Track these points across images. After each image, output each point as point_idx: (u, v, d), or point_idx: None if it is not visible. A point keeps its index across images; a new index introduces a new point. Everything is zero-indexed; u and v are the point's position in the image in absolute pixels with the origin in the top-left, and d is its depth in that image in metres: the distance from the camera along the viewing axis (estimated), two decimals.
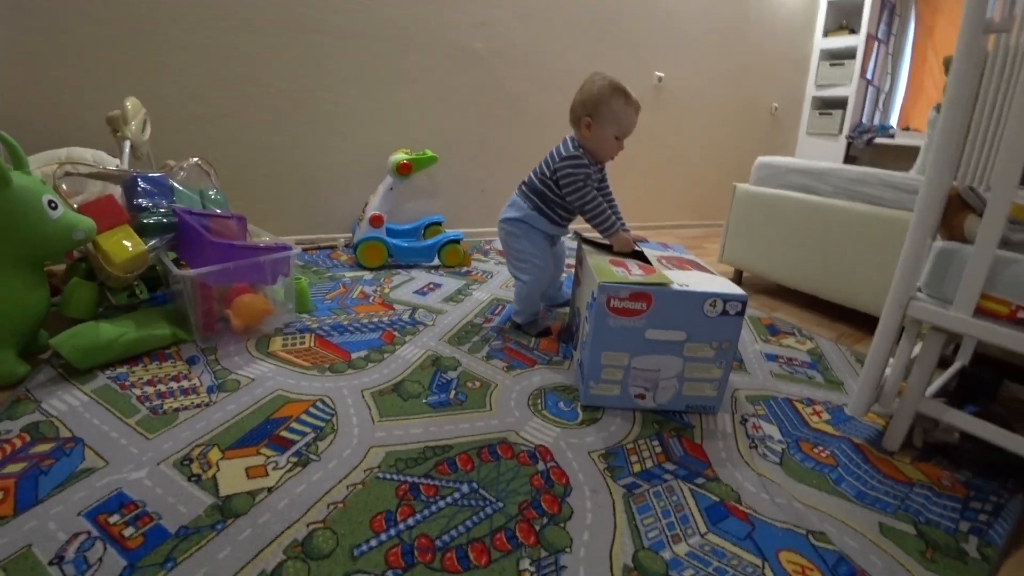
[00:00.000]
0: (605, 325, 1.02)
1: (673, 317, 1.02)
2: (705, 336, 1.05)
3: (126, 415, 0.94)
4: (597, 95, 1.30)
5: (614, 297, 1.00)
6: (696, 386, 1.09)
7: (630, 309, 1.01)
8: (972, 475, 0.98)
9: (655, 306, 1.01)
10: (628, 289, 1.00)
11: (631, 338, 1.04)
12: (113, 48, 1.69)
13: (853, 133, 3.77)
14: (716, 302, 1.02)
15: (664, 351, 1.05)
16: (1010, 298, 0.87)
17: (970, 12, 0.87)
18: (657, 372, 1.07)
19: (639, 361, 1.06)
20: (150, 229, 1.25)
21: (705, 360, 1.07)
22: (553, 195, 1.38)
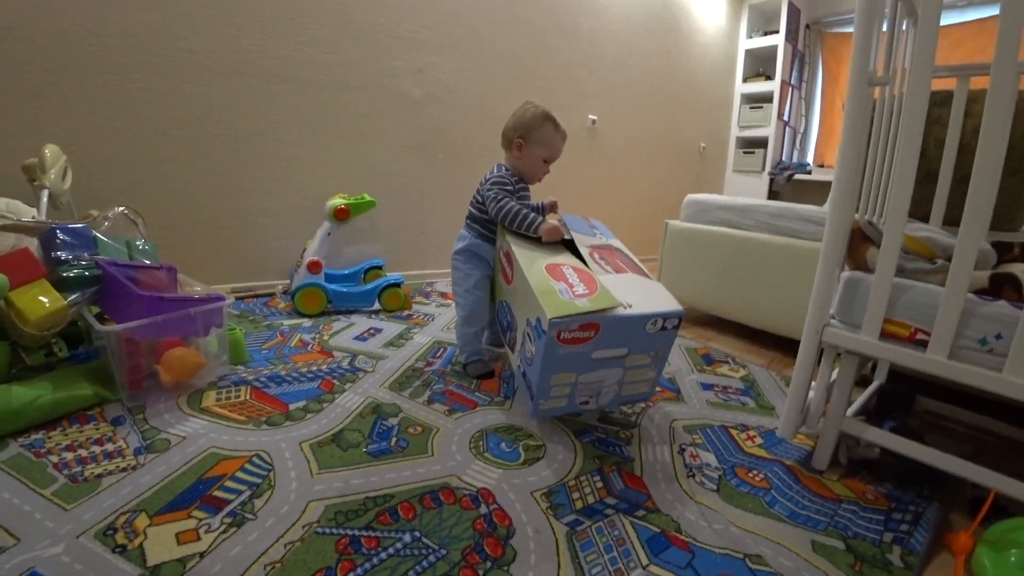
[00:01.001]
0: (555, 354, 1.04)
1: (617, 338, 1.07)
2: (644, 349, 1.11)
3: (41, 485, 0.88)
4: (530, 120, 1.39)
5: (564, 330, 1.01)
6: (633, 387, 1.18)
7: (579, 338, 1.03)
8: (893, 487, 1.04)
9: (602, 332, 1.04)
10: (578, 321, 1.01)
11: (578, 360, 1.07)
12: (31, 93, 1.63)
13: (775, 170, 4.05)
14: (657, 321, 1.07)
15: (608, 366, 1.11)
16: (909, 321, 0.95)
17: (856, 67, 0.97)
18: (600, 383, 1.13)
19: (585, 377, 1.11)
20: (70, 283, 1.19)
21: (642, 367, 1.14)
22: (488, 217, 1.42)
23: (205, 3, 1.87)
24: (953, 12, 3.39)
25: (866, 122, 1.03)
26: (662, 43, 3.58)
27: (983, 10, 3.30)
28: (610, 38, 3.23)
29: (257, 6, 1.98)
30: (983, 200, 0.84)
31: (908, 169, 0.90)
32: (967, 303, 0.87)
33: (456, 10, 2.51)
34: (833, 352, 1.07)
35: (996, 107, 0.81)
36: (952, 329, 0.87)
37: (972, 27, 3.33)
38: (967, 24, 3.35)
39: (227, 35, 1.93)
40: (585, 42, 3.10)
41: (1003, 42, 0.79)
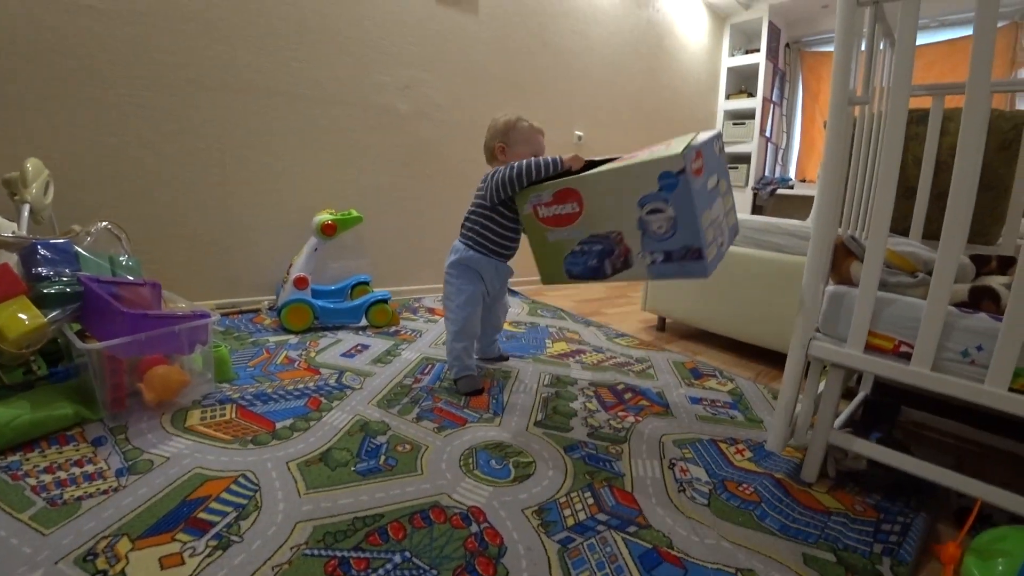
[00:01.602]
0: (694, 190, 1.07)
1: (710, 163, 1.13)
2: (721, 172, 1.18)
3: (18, 509, 0.85)
4: (504, 125, 1.48)
5: (691, 160, 1.06)
6: (729, 217, 1.23)
7: (699, 168, 1.09)
8: (881, 498, 1.05)
9: (704, 158, 1.10)
10: (693, 150, 1.07)
11: (706, 194, 1.12)
12: (13, 105, 1.61)
13: (758, 185, 4.12)
14: (717, 142, 1.19)
15: (716, 196, 1.16)
16: (893, 334, 0.96)
17: (836, 87, 1.00)
18: (719, 219, 1.18)
19: (714, 211, 1.15)
20: (51, 300, 1.17)
21: (725, 194, 1.21)
22: (486, 219, 1.43)
23: (191, 18, 1.87)
24: (926, 33, 3.50)
25: (847, 140, 1.06)
26: (647, 61, 3.64)
27: (953, 31, 3.42)
28: (596, 56, 3.28)
29: (244, 21, 1.98)
30: (961, 215, 0.86)
31: (888, 185, 0.93)
32: (948, 316, 0.89)
33: (443, 27, 2.54)
34: (819, 365, 1.08)
35: (970, 125, 0.83)
36: (934, 341, 0.89)
37: (943, 47, 3.43)
38: (939, 44, 3.46)
39: (214, 50, 1.94)
40: (571, 59, 3.15)
41: (976, 63, 0.82)
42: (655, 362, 1.81)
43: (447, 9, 2.54)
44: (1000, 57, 3.14)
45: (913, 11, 0.89)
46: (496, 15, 2.74)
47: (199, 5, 1.88)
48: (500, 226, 1.44)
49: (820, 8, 3.87)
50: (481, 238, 1.45)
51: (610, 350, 1.91)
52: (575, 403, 1.42)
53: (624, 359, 1.82)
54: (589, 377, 1.62)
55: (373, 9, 2.30)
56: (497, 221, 1.43)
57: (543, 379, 1.57)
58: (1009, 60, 3.14)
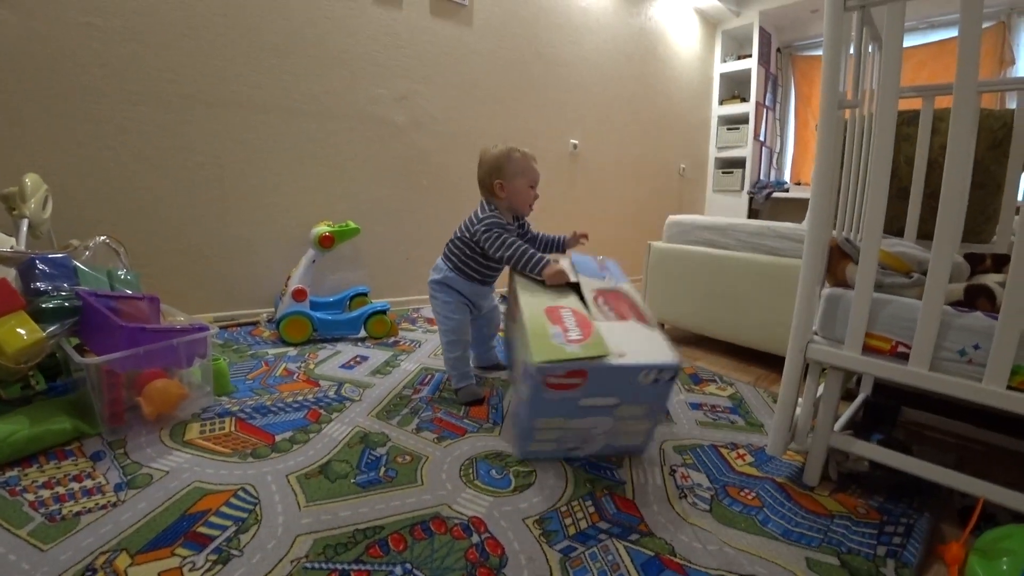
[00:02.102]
0: (541, 398, 1.02)
1: (607, 387, 1.03)
2: (636, 400, 1.06)
3: (16, 525, 0.85)
4: (496, 158, 1.43)
5: (551, 375, 0.99)
6: (626, 437, 1.14)
7: (566, 384, 1.00)
8: (883, 500, 1.05)
9: (591, 379, 1.01)
10: (565, 367, 0.98)
11: (566, 406, 1.04)
12: (12, 121, 1.62)
13: (753, 189, 4.14)
14: (650, 373, 1.02)
15: (597, 414, 1.07)
16: (890, 335, 0.97)
17: (826, 90, 1.01)
18: (589, 431, 1.10)
19: (573, 424, 1.08)
20: (49, 314, 1.17)
21: (635, 418, 1.10)
22: (471, 251, 1.45)
23: (189, 34, 1.89)
24: (915, 34, 3.53)
25: (838, 143, 1.06)
26: (639, 69, 3.67)
27: (942, 32, 3.45)
28: (589, 65, 3.31)
29: (240, 37, 2.00)
30: (953, 215, 0.87)
31: (881, 187, 0.93)
32: (944, 315, 0.89)
33: (437, 39, 2.56)
34: (818, 368, 1.08)
35: (960, 126, 0.84)
36: (931, 341, 0.89)
37: (933, 48, 3.47)
38: (928, 46, 3.49)
39: (211, 65, 1.95)
40: (565, 69, 3.17)
41: (963, 63, 0.82)
42: None
43: (442, 21, 2.56)
44: (989, 56, 3.17)
45: (899, 14, 0.90)
46: (490, 27, 2.76)
47: (196, 22, 1.89)
48: (481, 264, 1.48)
49: (810, 13, 3.90)
50: (464, 265, 1.47)
51: None
52: None
53: None
54: None
55: (367, 23, 2.32)
56: (479, 260, 1.47)
57: None
58: (998, 59, 3.16)
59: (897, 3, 0.90)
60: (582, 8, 3.20)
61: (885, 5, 0.93)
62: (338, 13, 2.23)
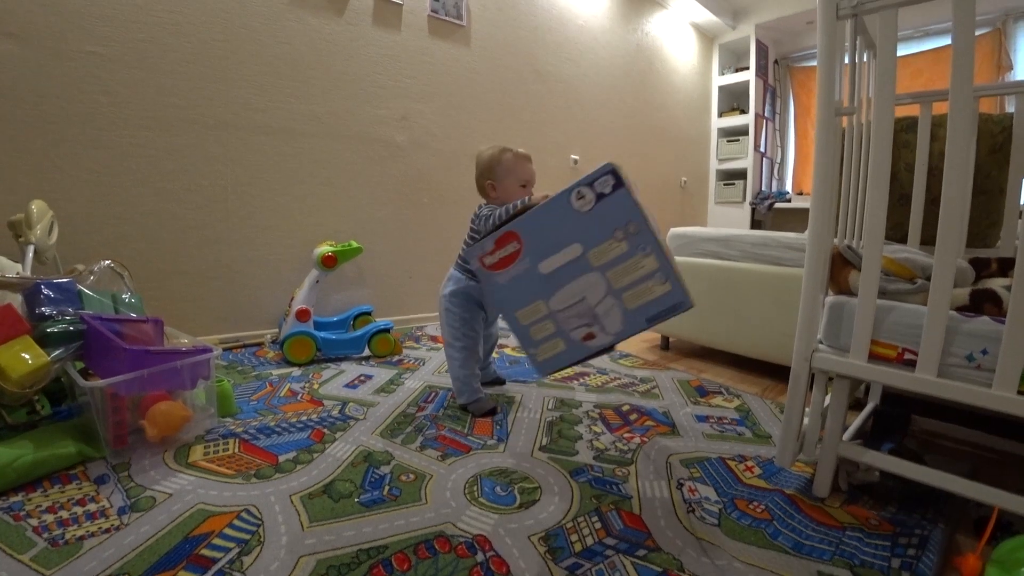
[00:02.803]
0: (497, 285, 0.91)
1: (552, 236, 0.88)
2: (602, 233, 0.88)
3: (18, 551, 0.84)
4: (489, 160, 1.47)
5: (484, 255, 0.89)
6: (639, 291, 0.93)
7: (505, 257, 0.89)
8: (896, 511, 1.03)
9: (525, 237, 0.88)
10: (490, 239, 0.88)
11: (530, 284, 0.91)
12: (18, 149, 1.65)
13: (755, 200, 4.14)
14: (582, 191, 0.87)
15: (573, 275, 0.90)
16: (895, 342, 0.95)
17: (822, 99, 1.01)
18: (585, 302, 0.92)
19: (557, 301, 0.92)
20: (54, 339, 1.18)
21: (623, 257, 0.90)
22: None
23: (192, 60, 1.92)
24: (910, 43, 3.55)
25: (837, 151, 1.06)
26: (638, 84, 3.71)
27: (937, 40, 3.47)
28: (588, 81, 3.34)
29: (243, 61, 2.03)
30: (954, 219, 0.86)
31: (881, 193, 0.93)
32: (950, 321, 0.88)
33: (436, 59, 2.60)
34: (824, 377, 1.07)
35: (957, 131, 0.84)
36: (938, 347, 0.88)
37: (929, 56, 3.49)
38: (924, 54, 3.51)
39: (214, 89, 1.98)
40: (564, 86, 3.20)
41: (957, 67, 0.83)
42: (660, 381, 1.79)
43: (440, 42, 2.60)
44: (986, 62, 3.19)
45: (892, 20, 0.90)
46: (488, 46, 2.80)
47: (198, 48, 1.93)
48: None
49: (805, 24, 3.94)
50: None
51: (614, 371, 1.90)
52: (580, 426, 1.40)
53: (628, 380, 1.81)
54: (594, 399, 1.60)
55: (367, 45, 2.36)
56: None
57: (547, 403, 1.56)
58: (995, 64, 3.18)
59: (889, 10, 0.91)
60: (579, 26, 3.24)
61: (878, 13, 0.94)
62: (338, 36, 2.27)
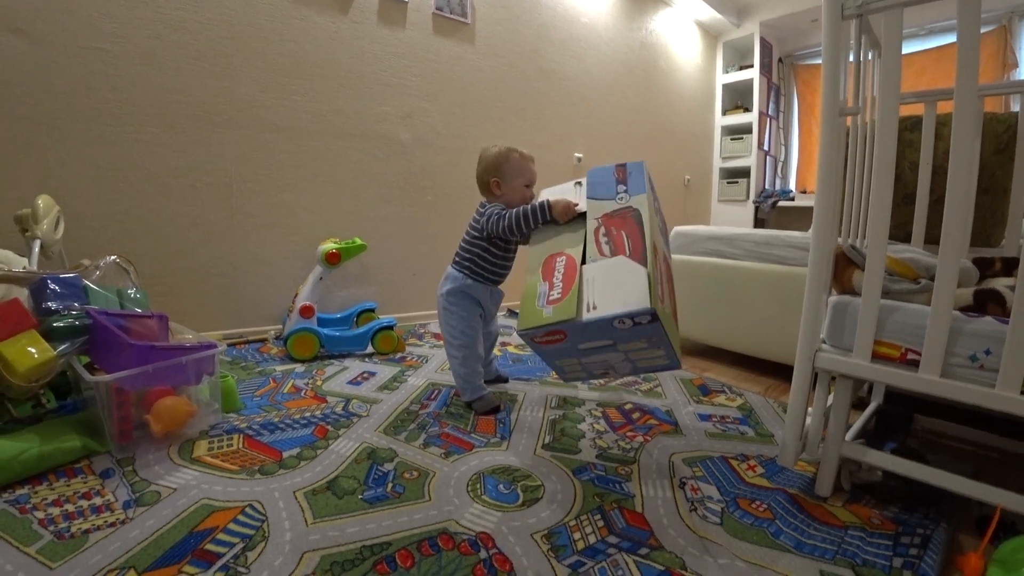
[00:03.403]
0: (542, 350, 1.10)
1: (591, 335, 1.05)
2: (629, 339, 1.06)
3: (25, 543, 0.85)
4: (495, 157, 1.47)
5: (534, 337, 1.05)
6: (648, 362, 1.15)
7: (552, 340, 1.06)
8: (898, 510, 1.03)
9: (570, 336, 1.04)
10: (542, 331, 1.04)
11: (570, 351, 1.09)
12: (25, 144, 1.65)
13: (759, 198, 4.13)
14: (624, 321, 1.01)
15: (602, 352, 1.10)
16: (899, 341, 0.95)
17: (826, 98, 1.01)
18: (606, 361, 1.13)
19: (587, 361, 1.13)
20: (60, 333, 1.18)
21: (643, 349, 1.09)
22: (482, 250, 1.46)
23: (197, 57, 1.92)
24: (915, 41, 3.54)
25: (841, 150, 1.06)
26: (642, 82, 3.70)
27: (942, 38, 3.45)
28: (592, 79, 3.34)
29: (249, 59, 2.04)
30: (959, 219, 0.86)
31: (885, 193, 0.93)
32: (954, 321, 0.88)
33: (441, 57, 2.60)
34: (827, 376, 1.07)
35: (962, 130, 0.84)
36: (941, 347, 0.88)
37: (933, 54, 3.47)
38: (928, 52, 3.50)
39: (220, 87, 1.99)
40: (568, 84, 3.20)
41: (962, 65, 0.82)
42: (663, 380, 1.79)
43: (445, 40, 2.60)
44: (991, 61, 3.17)
45: (897, 19, 0.90)
46: (492, 44, 2.80)
47: (204, 45, 1.93)
48: (494, 256, 1.48)
49: (810, 22, 3.92)
50: (476, 266, 1.48)
51: None
52: (583, 424, 1.40)
53: (631, 378, 1.81)
54: (596, 398, 1.60)
55: (372, 43, 2.36)
56: (492, 252, 1.47)
57: (550, 401, 1.56)
58: (1000, 63, 3.16)
59: (894, 9, 0.91)
60: (583, 24, 3.24)
61: (883, 12, 0.93)
62: (343, 34, 2.27)
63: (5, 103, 1.61)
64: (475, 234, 1.48)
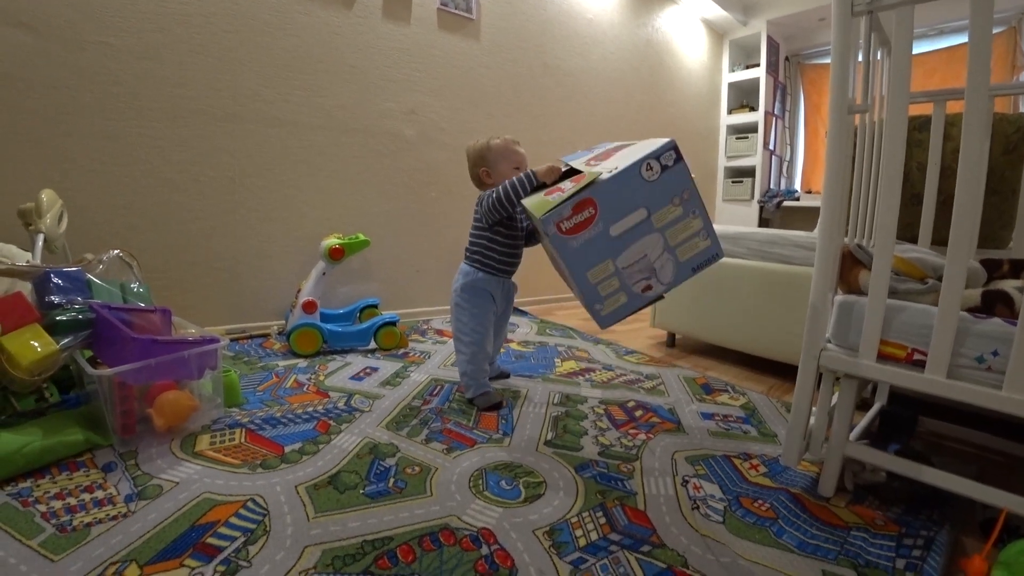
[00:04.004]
0: (571, 249, 1.01)
1: (623, 203, 1.00)
2: (663, 200, 1.02)
3: (27, 536, 0.85)
4: (479, 149, 1.52)
5: (561, 221, 0.99)
6: (688, 246, 1.08)
7: (581, 222, 0.99)
8: (902, 511, 1.02)
9: (600, 204, 0.99)
10: (568, 205, 0.98)
11: (602, 245, 1.02)
12: (28, 138, 1.65)
13: (764, 198, 4.11)
14: (650, 164, 1.00)
15: (638, 236, 1.03)
16: (905, 342, 0.95)
17: (835, 97, 1.00)
18: (646, 259, 1.06)
19: (624, 260, 1.05)
20: (63, 327, 1.18)
21: (681, 221, 1.05)
22: (490, 240, 1.47)
23: (202, 51, 1.92)
24: (924, 41, 3.51)
25: (848, 150, 1.05)
26: (647, 79, 3.68)
27: (952, 38, 3.43)
28: (597, 76, 3.32)
29: (252, 53, 2.03)
30: (967, 221, 0.85)
31: (893, 193, 0.92)
32: (961, 322, 0.87)
33: (445, 53, 2.59)
34: (832, 376, 1.07)
35: (972, 131, 0.83)
36: (948, 348, 0.87)
37: (943, 54, 3.44)
38: (939, 52, 3.47)
39: (223, 81, 1.98)
40: (572, 80, 3.19)
41: (974, 65, 0.82)
42: (666, 378, 1.79)
43: (449, 35, 2.59)
44: (1000, 61, 3.14)
45: (907, 18, 0.89)
46: (497, 40, 2.79)
47: (207, 39, 1.93)
48: (501, 245, 1.47)
49: (817, 21, 3.90)
50: (485, 258, 1.47)
51: (620, 367, 1.90)
52: (585, 422, 1.40)
53: (634, 376, 1.80)
54: (599, 395, 1.60)
55: (376, 38, 2.35)
56: (497, 241, 1.47)
57: (553, 398, 1.56)
58: (1010, 64, 3.13)
59: (905, 7, 0.90)
60: (588, 20, 3.22)
61: (893, 10, 0.92)
62: (347, 29, 2.26)
63: (9, 97, 1.61)
64: (478, 226, 1.49)
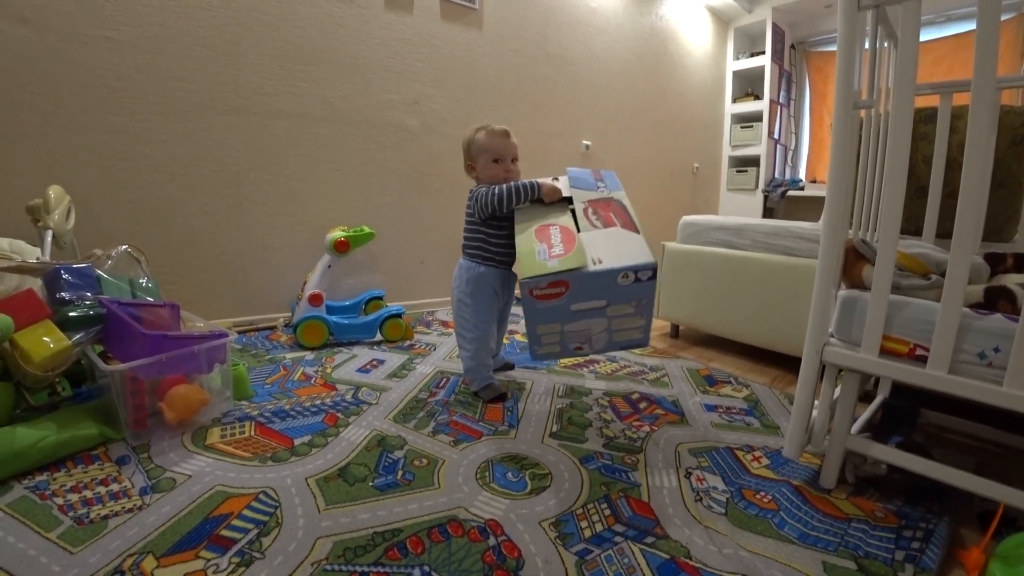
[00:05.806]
0: (535, 308, 1.14)
1: (591, 292, 1.12)
2: (623, 299, 1.15)
3: (46, 528, 0.87)
4: (465, 144, 1.56)
5: (535, 288, 1.10)
6: (624, 332, 1.23)
7: (551, 294, 1.11)
8: (902, 504, 1.04)
9: (573, 287, 1.10)
10: (546, 280, 1.09)
11: (559, 312, 1.14)
12: (35, 134, 1.66)
13: (768, 187, 4.10)
14: (628, 275, 1.11)
15: (590, 316, 1.17)
16: (907, 337, 0.96)
17: (840, 90, 1.00)
18: (588, 331, 1.20)
19: (570, 327, 1.19)
20: (74, 323, 1.20)
21: (628, 316, 1.19)
22: (485, 235, 1.48)
23: (204, 44, 1.92)
24: (932, 28, 3.47)
25: (853, 144, 1.05)
26: (651, 68, 3.66)
27: (961, 25, 3.39)
28: (600, 65, 3.30)
29: (255, 46, 2.03)
30: (972, 215, 0.86)
31: (897, 187, 0.92)
32: (963, 318, 0.88)
33: (448, 43, 2.58)
34: (835, 370, 1.07)
35: (978, 124, 0.83)
36: (950, 344, 0.88)
37: (951, 42, 3.41)
38: (946, 39, 3.43)
39: (226, 74, 1.98)
40: (575, 69, 3.17)
41: (981, 57, 0.81)
42: (669, 370, 1.80)
43: (451, 25, 2.58)
44: (1007, 50, 3.10)
45: (915, 11, 0.89)
46: (500, 29, 2.77)
47: (209, 32, 1.93)
48: (498, 236, 1.48)
49: (823, 8, 3.86)
50: (483, 251, 1.48)
51: (624, 359, 1.91)
52: (590, 413, 1.42)
53: (638, 368, 1.82)
54: (603, 387, 1.62)
55: (379, 29, 2.34)
56: (491, 233, 1.48)
57: (557, 390, 1.58)
58: (1018, 53, 3.09)
59: (912, 1, 0.89)
60: (591, 8, 3.20)
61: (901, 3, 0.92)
62: (349, 20, 2.25)
63: (11, 92, 1.61)
64: (471, 219, 1.50)
